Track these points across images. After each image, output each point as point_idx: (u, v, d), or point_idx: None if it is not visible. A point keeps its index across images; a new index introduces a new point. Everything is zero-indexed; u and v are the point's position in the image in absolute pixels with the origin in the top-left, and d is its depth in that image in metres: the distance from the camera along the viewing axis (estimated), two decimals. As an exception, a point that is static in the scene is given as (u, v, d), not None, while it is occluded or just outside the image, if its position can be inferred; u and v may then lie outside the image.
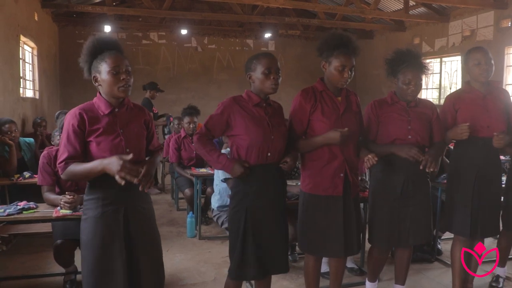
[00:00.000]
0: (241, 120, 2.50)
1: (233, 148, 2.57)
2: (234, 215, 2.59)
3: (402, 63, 2.84)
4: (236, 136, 2.53)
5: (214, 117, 2.54)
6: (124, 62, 2.21)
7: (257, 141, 2.49)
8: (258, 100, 2.55)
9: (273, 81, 2.49)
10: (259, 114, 2.55)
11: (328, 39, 2.69)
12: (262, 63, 2.49)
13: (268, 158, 2.54)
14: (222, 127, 2.54)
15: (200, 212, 4.92)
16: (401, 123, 2.86)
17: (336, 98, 2.71)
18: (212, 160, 2.54)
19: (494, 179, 3.04)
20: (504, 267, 3.58)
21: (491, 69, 2.97)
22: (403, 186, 2.86)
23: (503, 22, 7.49)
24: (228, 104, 2.54)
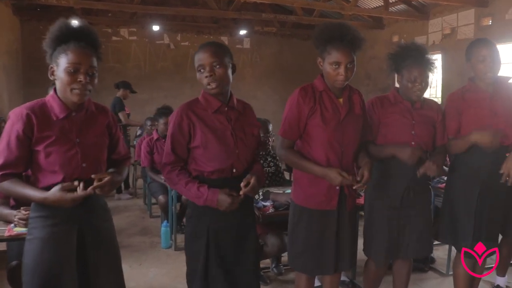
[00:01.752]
0: (200, 132, 2.10)
1: (189, 158, 2.18)
2: (193, 236, 2.19)
3: (407, 58, 2.54)
4: (193, 149, 2.13)
5: (175, 136, 2.11)
6: (88, 61, 1.82)
7: (219, 158, 2.11)
8: (217, 104, 2.13)
9: (207, 80, 2.06)
10: (220, 123, 2.14)
11: (321, 31, 2.34)
12: (196, 60, 2.11)
13: (233, 173, 2.17)
14: (186, 143, 2.14)
15: (176, 220, 4.55)
16: (405, 127, 2.57)
17: (337, 100, 2.37)
18: (191, 195, 2.11)
19: (500, 190, 2.71)
20: (504, 277, 3.39)
21: (499, 65, 2.65)
22: (403, 193, 2.58)
23: (484, 20, 7.37)
24: (182, 113, 2.11)
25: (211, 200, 2.05)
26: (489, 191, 2.69)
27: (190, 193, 2.09)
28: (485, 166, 2.66)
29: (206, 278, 2.14)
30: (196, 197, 2.08)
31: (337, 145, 2.33)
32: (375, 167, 2.55)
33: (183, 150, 2.13)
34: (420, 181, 2.59)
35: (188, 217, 2.25)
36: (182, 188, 2.11)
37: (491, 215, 2.72)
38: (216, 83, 2.09)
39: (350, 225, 2.47)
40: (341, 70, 2.23)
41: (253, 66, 10.97)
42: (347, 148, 2.36)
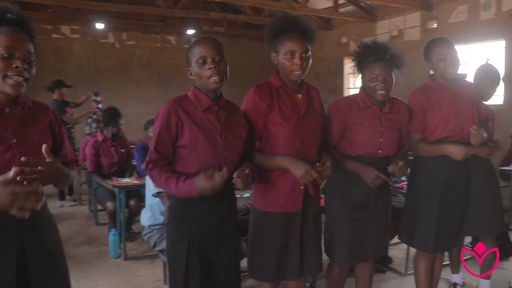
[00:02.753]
0: (188, 131, 1.96)
1: (175, 158, 2.02)
2: (174, 242, 2.06)
3: (368, 57, 2.44)
4: (180, 148, 1.99)
5: (160, 133, 1.96)
6: (25, 46, 1.57)
7: (206, 159, 1.97)
8: (208, 102, 2.00)
9: (211, 72, 1.92)
10: (210, 123, 2.00)
11: (273, 23, 2.23)
12: (195, 52, 1.97)
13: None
14: (173, 141, 1.99)
15: (124, 228, 4.28)
16: (374, 135, 2.46)
17: (295, 95, 2.25)
18: (172, 190, 1.96)
19: (460, 189, 2.72)
20: (459, 273, 3.41)
21: (458, 63, 2.64)
22: (365, 195, 2.49)
23: (429, 23, 7.59)
24: (171, 109, 1.95)
25: (190, 190, 1.90)
26: (450, 190, 2.69)
27: (171, 187, 1.95)
28: (445, 165, 2.65)
29: (188, 285, 2.02)
30: (176, 192, 1.96)
31: (298, 142, 2.20)
32: (337, 169, 2.45)
33: (167, 148, 1.98)
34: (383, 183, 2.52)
35: (168, 222, 2.12)
36: (164, 185, 1.97)
37: (452, 214, 2.72)
38: (219, 77, 1.94)
39: (315, 227, 2.35)
40: (296, 60, 2.13)
41: (202, 67, 10.72)
42: (309, 145, 2.24)
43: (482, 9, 6.66)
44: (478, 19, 6.72)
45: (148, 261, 4.12)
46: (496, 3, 6.49)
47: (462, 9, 6.95)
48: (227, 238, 2.10)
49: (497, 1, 6.47)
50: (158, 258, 4.09)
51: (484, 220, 2.92)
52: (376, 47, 2.46)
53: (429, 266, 2.84)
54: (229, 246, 2.11)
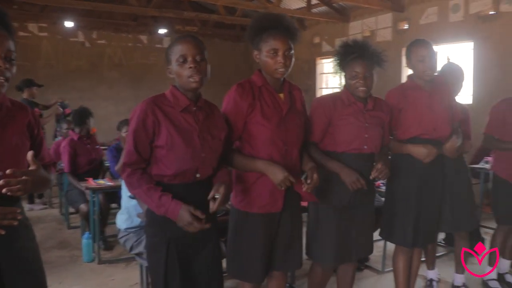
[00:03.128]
0: (165, 131, 1.89)
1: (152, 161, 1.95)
2: (153, 247, 2.00)
3: (349, 56, 2.45)
4: (156, 149, 1.91)
5: (137, 133, 1.88)
6: (5, 43, 1.54)
7: (183, 160, 1.90)
8: (186, 102, 1.94)
9: (191, 71, 1.86)
10: (187, 124, 1.93)
11: (255, 21, 2.22)
12: (175, 50, 1.90)
13: (196, 178, 1.96)
14: (150, 142, 1.91)
15: (98, 231, 4.18)
16: (359, 131, 2.47)
17: (277, 95, 2.23)
18: (151, 203, 1.88)
19: (436, 186, 2.82)
20: (434, 270, 3.47)
21: (436, 65, 2.72)
22: (351, 196, 2.49)
23: (400, 24, 7.71)
24: (148, 108, 1.88)
25: (172, 212, 1.84)
26: (426, 187, 2.76)
27: (151, 200, 1.86)
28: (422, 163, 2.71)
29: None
30: (156, 206, 1.86)
31: (280, 143, 2.19)
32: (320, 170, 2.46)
33: (145, 149, 1.90)
34: (368, 182, 2.54)
35: (147, 225, 2.04)
36: (142, 194, 1.88)
37: (429, 210, 2.78)
38: (199, 77, 1.88)
39: (296, 225, 2.35)
40: (280, 58, 2.12)
41: (174, 67, 10.60)
42: (291, 146, 2.22)
43: (451, 12, 6.81)
44: (447, 21, 6.87)
45: (123, 264, 4.04)
46: (464, 6, 6.65)
47: (432, 11, 7.10)
48: (207, 240, 2.05)
49: (465, 4, 6.63)
50: (133, 262, 4.02)
51: (458, 217, 3.02)
52: (356, 45, 2.47)
53: (407, 262, 2.89)
54: (210, 249, 2.06)
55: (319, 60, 9.85)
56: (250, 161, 2.18)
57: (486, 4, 6.37)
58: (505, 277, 3.56)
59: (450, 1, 6.82)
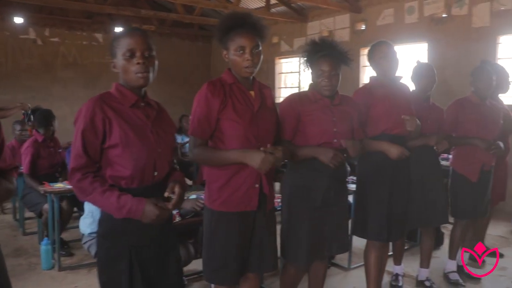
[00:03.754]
0: (117, 128, 1.77)
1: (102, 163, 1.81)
2: (110, 260, 1.85)
3: (316, 54, 2.49)
4: (109, 150, 1.78)
5: (86, 134, 1.74)
6: None
7: (140, 157, 1.79)
8: (134, 98, 1.84)
9: (139, 67, 1.77)
10: (139, 119, 1.84)
11: (220, 23, 2.21)
12: (122, 44, 1.79)
13: (154, 178, 1.86)
14: (100, 143, 1.77)
15: (58, 236, 4.01)
16: (327, 124, 2.49)
17: (248, 92, 2.22)
18: (110, 206, 1.74)
19: (405, 181, 2.91)
20: (400, 265, 3.56)
21: (397, 63, 2.84)
22: (324, 193, 2.51)
23: (358, 25, 7.88)
24: (95, 105, 1.75)
25: (135, 210, 1.73)
26: (395, 182, 2.84)
27: (109, 202, 1.73)
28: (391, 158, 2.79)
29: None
30: (116, 209, 1.73)
31: (253, 139, 2.18)
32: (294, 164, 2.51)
33: (95, 151, 1.77)
34: (341, 179, 2.57)
35: (101, 236, 1.89)
36: (98, 198, 1.74)
37: (400, 205, 2.87)
38: (147, 73, 1.79)
39: (269, 225, 2.34)
40: (247, 55, 2.11)
41: (131, 66, 10.36)
42: (263, 142, 2.20)
43: (407, 13, 7.03)
44: (403, 22, 7.09)
45: (85, 270, 3.90)
46: (418, 9, 6.88)
47: (388, 13, 7.30)
48: (169, 248, 1.98)
49: (420, 7, 6.86)
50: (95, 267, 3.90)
51: (431, 213, 3.13)
52: (324, 44, 2.51)
53: (379, 258, 2.95)
54: (170, 254, 1.98)
55: (277, 60, 9.91)
56: (225, 154, 2.15)
57: (439, 7, 6.62)
58: (465, 268, 3.71)
59: (405, 3, 7.04)
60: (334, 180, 2.51)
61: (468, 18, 6.32)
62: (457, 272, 3.59)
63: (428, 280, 3.44)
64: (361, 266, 3.84)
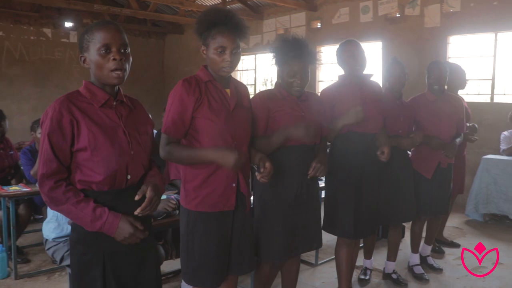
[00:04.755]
0: (86, 130, 1.67)
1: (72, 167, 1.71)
2: (83, 266, 1.76)
3: (288, 52, 2.46)
4: (78, 153, 1.69)
5: (53, 137, 1.64)
6: None
7: (111, 161, 1.70)
8: (105, 97, 1.74)
9: (116, 64, 1.68)
10: (110, 120, 1.75)
11: (202, 18, 2.16)
12: (97, 38, 1.68)
13: (127, 182, 1.77)
14: (69, 146, 1.68)
15: (14, 242, 3.79)
16: (296, 120, 2.48)
17: (224, 90, 2.19)
18: (84, 218, 1.65)
19: (373, 177, 2.96)
20: (370, 259, 3.65)
21: (365, 61, 2.89)
22: (297, 190, 2.52)
23: (314, 23, 7.98)
24: (62, 108, 1.66)
25: (110, 225, 1.66)
26: (364, 180, 2.88)
27: (83, 214, 1.65)
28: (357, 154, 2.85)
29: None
30: (90, 221, 1.65)
31: (229, 138, 2.15)
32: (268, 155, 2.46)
33: (65, 155, 1.67)
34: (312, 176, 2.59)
35: (74, 242, 1.79)
36: (72, 209, 1.65)
37: (369, 201, 2.91)
38: (123, 72, 1.71)
39: (248, 226, 2.32)
40: (227, 56, 2.08)
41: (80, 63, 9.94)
42: (239, 141, 2.19)
43: (362, 13, 7.20)
44: (358, 21, 7.25)
45: (44, 277, 3.72)
46: (373, 8, 7.06)
47: (344, 11, 7.44)
48: (146, 250, 1.89)
49: (374, 6, 7.04)
50: (56, 273, 3.75)
51: (404, 209, 3.22)
52: (296, 43, 2.49)
53: (350, 254, 2.99)
54: (148, 258, 1.90)
55: (234, 57, 9.86)
56: (198, 152, 2.11)
57: (393, 7, 6.82)
58: (427, 260, 3.87)
59: (360, 2, 7.20)
60: (305, 176, 2.52)
61: (420, 18, 6.56)
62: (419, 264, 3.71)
63: (394, 273, 3.53)
64: (328, 262, 3.93)
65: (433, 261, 3.89)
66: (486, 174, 5.13)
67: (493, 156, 5.21)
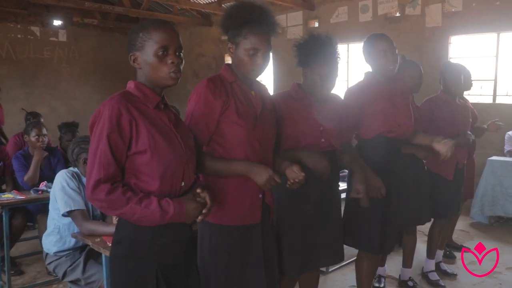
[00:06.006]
0: (145, 131, 1.57)
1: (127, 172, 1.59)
2: (137, 283, 1.63)
3: (320, 52, 2.27)
4: (135, 157, 1.57)
5: (112, 138, 1.52)
6: None
7: (170, 165, 1.61)
8: (157, 98, 1.65)
9: (174, 67, 1.61)
10: (163, 123, 1.65)
11: (233, 12, 1.96)
12: (155, 38, 1.58)
13: (181, 189, 1.68)
14: (126, 149, 1.56)
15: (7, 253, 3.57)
16: (312, 123, 2.32)
17: (250, 92, 2.01)
18: (151, 215, 1.54)
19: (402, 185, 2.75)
20: (384, 266, 3.51)
21: (398, 60, 2.62)
22: (317, 198, 2.35)
23: (311, 22, 7.84)
24: (120, 105, 1.54)
25: (178, 214, 1.57)
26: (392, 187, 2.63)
27: (150, 212, 1.53)
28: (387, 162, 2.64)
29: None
30: (160, 216, 1.55)
31: (257, 144, 1.98)
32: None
33: (122, 158, 1.56)
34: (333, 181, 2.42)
35: (122, 258, 1.64)
36: (136, 209, 1.52)
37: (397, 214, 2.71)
38: (180, 73, 1.65)
39: (273, 239, 2.16)
40: (259, 59, 1.91)
41: (70, 62, 9.67)
42: (266, 147, 2.03)
43: (361, 12, 7.07)
44: (357, 20, 7.12)
45: (41, 290, 3.53)
46: (372, 7, 6.94)
47: (342, 10, 7.31)
48: (190, 260, 1.80)
49: (374, 6, 6.92)
50: (53, 285, 3.54)
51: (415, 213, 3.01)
52: (328, 42, 2.29)
53: (373, 266, 2.83)
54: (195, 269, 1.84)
55: (227, 57, 9.70)
56: (227, 163, 1.94)
57: (393, 6, 6.71)
58: (440, 266, 3.75)
59: (359, 1, 7.07)
60: (325, 186, 2.36)
61: (421, 18, 6.45)
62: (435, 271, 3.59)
63: (411, 280, 3.41)
64: (340, 269, 3.78)
65: (446, 266, 3.78)
66: (491, 176, 5.03)
67: (499, 158, 5.11)
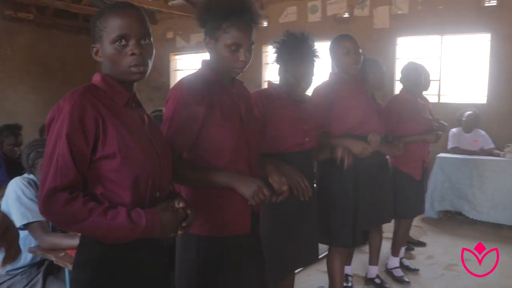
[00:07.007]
0: (113, 131, 1.33)
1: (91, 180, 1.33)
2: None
3: (296, 52, 2.22)
4: (101, 162, 1.32)
5: (72, 136, 1.26)
6: None
7: (142, 173, 1.36)
8: (127, 95, 1.43)
9: (135, 59, 1.37)
10: (136, 124, 1.43)
11: (212, 5, 1.77)
12: (112, 25, 1.38)
13: (156, 200, 1.44)
14: (90, 152, 1.30)
15: None
16: (296, 123, 2.26)
17: (232, 91, 1.85)
18: (122, 229, 1.28)
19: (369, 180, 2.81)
20: (350, 265, 3.53)
21: (360, 59, 2.72)
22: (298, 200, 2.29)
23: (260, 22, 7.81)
24: (84, 100, 1.30)
25: (151, 227, 1.31)
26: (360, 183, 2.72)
27: (117, 224, 1.27)
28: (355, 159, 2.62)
29: None
30: (130, 230, 1.29)
31: (244, 148, 1.83)
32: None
33: (84, 163, 1.30)
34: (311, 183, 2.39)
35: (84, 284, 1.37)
36: (100, 222, 1.25)
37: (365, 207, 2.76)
38: (144, 67, 1.39)
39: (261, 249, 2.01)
40: (241, 54, 1.74)
41: (2, 60, 8.99)
42: (252, 151, 1.88)
43: (310, 12, 7.15)
44: (306, 21, 7.18)
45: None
46: (322, 8, 7.03)
47: (291, 10, 7.35)
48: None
49: (323, 6, 7.02)
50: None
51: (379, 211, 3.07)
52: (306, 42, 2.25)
53: (344, 263, 2.86)
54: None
55: (173, 57, 9.48)
56: (208, 173, 1.74)
57: (342, 7, 6.84)
58: (403, 262, 3.84)
59: (308, 2, 7.14)
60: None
61: (369, 19, 6.62)
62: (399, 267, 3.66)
63: (378, 277, 3.44)
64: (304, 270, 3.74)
65: (408, 262, 3.87)
66: (440, 172, 5.24)
67: (447, 155, 5.33)
